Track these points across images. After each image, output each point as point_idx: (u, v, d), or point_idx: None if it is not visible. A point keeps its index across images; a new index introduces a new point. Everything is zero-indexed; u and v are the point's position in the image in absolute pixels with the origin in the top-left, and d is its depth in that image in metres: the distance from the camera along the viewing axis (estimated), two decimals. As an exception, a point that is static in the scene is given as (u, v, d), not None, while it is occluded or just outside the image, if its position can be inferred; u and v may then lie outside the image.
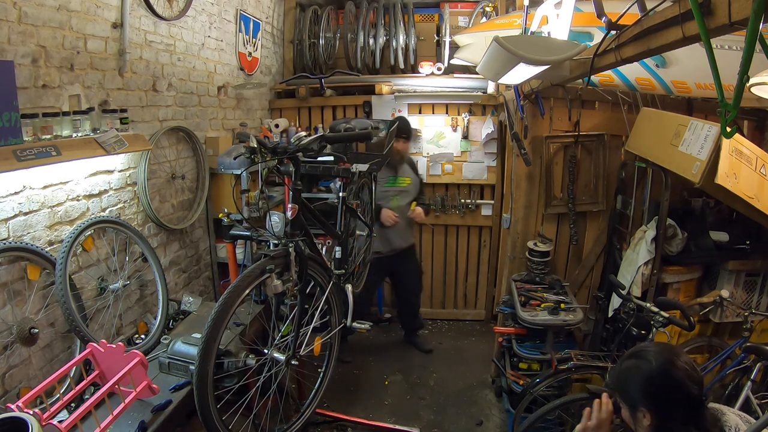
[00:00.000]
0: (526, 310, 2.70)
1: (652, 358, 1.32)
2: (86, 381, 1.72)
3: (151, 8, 2.52)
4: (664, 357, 1.32)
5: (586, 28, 2.46)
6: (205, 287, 3.33)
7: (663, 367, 1.29)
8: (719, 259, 2.65)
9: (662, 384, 1.29)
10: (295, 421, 2.18)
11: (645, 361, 1.33)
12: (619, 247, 3.02)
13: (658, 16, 1.24)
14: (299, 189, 1.98)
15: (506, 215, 3.43)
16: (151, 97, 2.63)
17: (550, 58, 1.76)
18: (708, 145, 2.09)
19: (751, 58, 0.88)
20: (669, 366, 1.29)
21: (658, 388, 1.29)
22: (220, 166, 3.16)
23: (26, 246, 1.85)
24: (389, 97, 4.07)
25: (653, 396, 1.29)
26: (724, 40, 2.02)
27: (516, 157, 3.15)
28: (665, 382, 1.28)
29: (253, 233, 2.56)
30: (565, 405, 2.28)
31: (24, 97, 1.81)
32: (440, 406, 2.93)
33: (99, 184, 2.29)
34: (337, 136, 2.15)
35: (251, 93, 3.88)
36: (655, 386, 1.29)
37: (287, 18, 4.47)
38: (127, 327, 2.48)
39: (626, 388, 1.37)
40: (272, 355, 1.94)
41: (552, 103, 3.03)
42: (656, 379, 1.29)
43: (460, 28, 4.14)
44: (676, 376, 1.27)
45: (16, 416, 1.36)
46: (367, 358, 3.64)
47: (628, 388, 1.35)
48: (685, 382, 1.26)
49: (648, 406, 1.30)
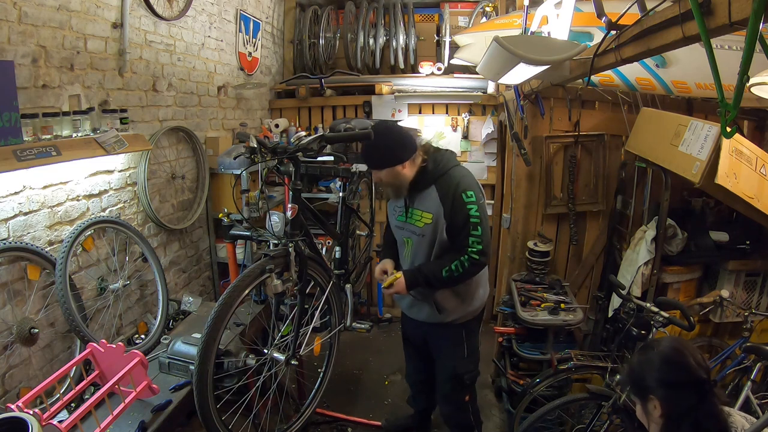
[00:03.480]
0: (526, 310, 2.70)
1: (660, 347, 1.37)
2: (86, 381, 1.72)
3: (151, 8, 2.52)
4: (672, 345, 1.37)
5: (586, 28, 2.46)
6: (205, 287, 3.33)
7: (670, 354, 1.34)
8: (719, 259, 2.65)
9: (669, 369, 1.32)
10: (295, 421, 2.18)
11: (653, 350, 1.38)
12: (619, 247, 3.02)
13: (658, 16, 1.24)
14: (299, 189, 1.98)
15: (506, 215, 3.43)
16: (151, 97, 2.63)
17: (550, 58, 1.76)
18: (708, 145, 2.09)
19: (751, 58, 0.88)
20: (676, 352, 1.33)
21: (665, 373, 1.32)
22: (220, 166, 3.16)
23: (26, 246, 1.85)
24: (389, 97, 4.07)
25: (662, 382, 1.32)
26: (724, 40, 2.02)
27: (516, 157, 3.15)
28: (672, 367, 1.32)
29: (253, 233, 2.56)
30: (565, 405, 2.28)
31: (24, 97, 1.81)
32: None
33: (99, 184, 2.29)
34: (337, 136, 2.15)
35: (251, 93, 3.88)
36: (663, 371, 1.32)
37: (287, 18, 4.47)
38: (127, 327, 2.48)
39: (636, 381, 1.39)
40: (272, 355, 1.94)
41: (552, 103, 3.03)
42: (664, 365, 1.33)
43: (460, 28, 4.14)
44: (684, 361, 1.30)
45: (16, 416, 1.36)
46: (367, 358, 3.64)
47: (638, 380, 1.38)
48: (692, 367, 1.29)
49: (657, 394, 1.32)
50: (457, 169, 2.04)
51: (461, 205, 1.95)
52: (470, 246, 1.96)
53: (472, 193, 1.96)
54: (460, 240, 1.98)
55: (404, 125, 1.93)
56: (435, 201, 2.02)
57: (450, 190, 1.98)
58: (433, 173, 2.03)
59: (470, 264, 1.97)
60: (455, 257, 1.99)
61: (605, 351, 2.43)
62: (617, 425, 2.09)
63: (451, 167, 2.04)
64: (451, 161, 2.07)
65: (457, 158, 2.14)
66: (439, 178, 2.02)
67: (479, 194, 2.00)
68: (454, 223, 1.99)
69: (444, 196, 2.00)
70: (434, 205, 2.02)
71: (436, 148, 2.12)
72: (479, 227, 1.95)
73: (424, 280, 2.04)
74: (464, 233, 1.96)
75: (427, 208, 2.05)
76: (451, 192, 1.98)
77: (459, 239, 1.99)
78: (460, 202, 1.96)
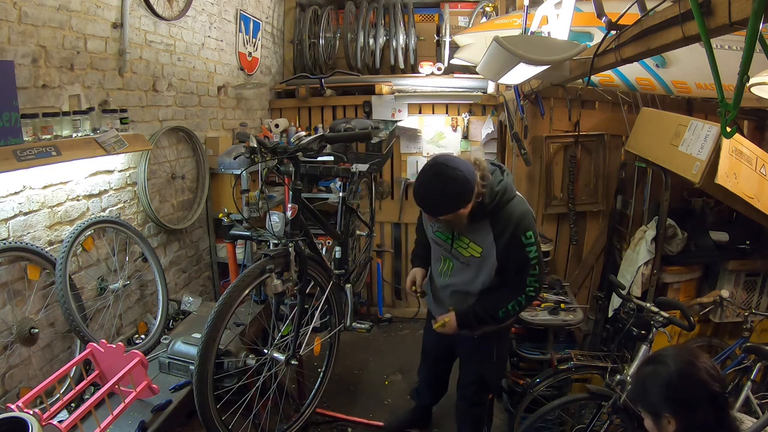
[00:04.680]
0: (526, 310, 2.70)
1: (670, 362, 1.27)
2: (86, 381, 1.72)
3: (151, 8, 2.52)
4: (682, 359, 1.27)
5: (586, 28, 2.45)
6: (205, 287, 3.33)
7: (683, 369, 1.24)
8: (719, 259, 2.65)
9: (684, 386, 1.24)
10: (295, 421, 2.18)
11: (663, 365, 1.28)
12: (619, 247, 3.02)
13: (658, 16, 1.24)
14: (299, 189, 1.98)
15: (506, 215, 3.42)
16: (151, 97, 2.63)
17: (550, 58, 1.76)
18: (708, 145, 2.09)
19: (751, 58, 0.88)
20: (689, 367, 1.24)
21: (680, 392, 1.24)
22: (220, 166, 3.16)
23: (26, 246, 1.85)
24: (389, 97, 4.07)
25: (676, 400, 1.24)
26: (724, 40, 2.02)
27: (516, 157, 3.15)
28: (687, 384, 1.24)
29: (253, 233, 2.56)
30: (565, 405, 2.28)
31: (24, 97, 1.81)
32: (440, 406, 2.92)
33: (99, 184, 2.29)
34: (337, 136, 2.15)
35: (251, 93, 3.88)
36: (677, 389, 1.24)
37: (287, 18, 4.47)
38: (127, 327, 2.48)
39: (647, 396, 1.31)
40: (272, 355, 1.94)
41: (552, 103, 3.04)
42: (677, 382, 1.24)
43: (460, 28, 4.14)
44: (698, 377, 1.22)
45: (16, 416, 1.36)
46: (367, 358, 3.64)
47: (649, 395, 1.30)
48: (707, 382, 1.22)
49: (672, 411, 1.24)
50: (514, 205, 1.87)
51: (520, 246, 1.84)
52: (528, 285, 1.89)
53: (532, 234, 1.84)
54: (517, 280, 1.90)
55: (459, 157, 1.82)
56: (488, 237, 1.88)
57: (508, 229, 1.84)
58: (488, 206, 1.83)
59: (527, 301, 1.92)
60: (512, 297, 1.91)
61: (605, 351, 2.43)
62: (617, 425, 2.09)
63: (508, 199, 1.86)
64: (509, 191, 1.87)
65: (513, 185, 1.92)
66: (495, 212, 1.85)
67: (536, 230, 1.88)
68: (510, 263, 1.90)
69: (499, 234, 1.85)
70: (487, 240, 1.89)
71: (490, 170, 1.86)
72: (537, 266, 1.87)
73: (477, 321, 1.96)
74: (522, 275, 1.88)
75: (477, 241, 1.92)
76: (509, 231, 1.83)
77: (517, 279, 1.90)
78: (519, 243, 1.84)
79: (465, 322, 1.97)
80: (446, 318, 1.99)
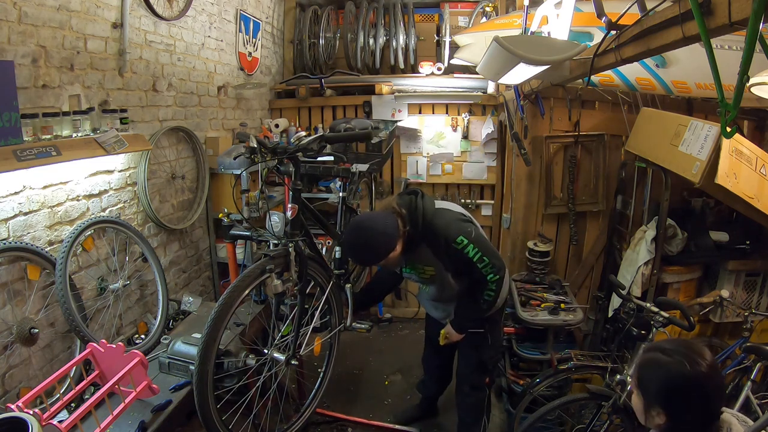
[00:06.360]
0: (526, 310, 2.70)
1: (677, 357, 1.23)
2: (86, 381, 1.72)
3: (151, 8, 2.52)
4: (689, 359, 1.21)
5: (586, 28, 2.46)
6: (205, 287, 3.33)
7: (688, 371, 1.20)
8: (719, 259, 2.65)
9: (684, 388, 1.21)
10: (295, 421, 2.18)
11: (669, 358, 1.24)
12: (619, 247, 3.02)
13: (658, 16, 1.25)
14: (299, 189, 1.98)
15: (506, 215, 3.43)
16: (151, 97, 2.63)
17: (550, 58, 1.76)
18: (708, 145, 2.09)
19: (751, 58, 0.88)
20: (694, 370, 1.19)
21: (678, 392, 1.22)
22: (220, 166, 3.16)
23: (26, 246, 1.85)
24: (389, 97, 4.07)
25: (672, 399, 1.23)
26: (724, 40, 2.02)
27: (516, 157, 3.15)
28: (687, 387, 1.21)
29: (253, 233, 2.56)
30: (565, 405, 2.28)
31: (24, 97, 1.81)
32: (440, 406, 2.93)
33: (99, 184, 2.29)
34: (337, 136, 2.15)
35: (251, 93, 3.88)
36: (676, 389, 1.22)
37: (287, 18, 4.47)
38: (127, 327, 2.48)
39: (645, 381, 1.29)
40: (272, 355, 1.94)
41: (552, 103, 3.03)
42: (679, 382, 1.21)
43: (460, 28, 4.14)
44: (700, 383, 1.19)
45: (16, 416, 1.36)
46: (367, 358, 3.64)
47: (647, 382, 1.28)
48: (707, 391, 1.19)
49: (664, 406, 1.23)
50: (436, 221, 2.01)
51: (457, 253, 1.98)
52: (486, 275, 2.02)
53: (461, 238, 1.97)
54: (474, 276, 2.05)
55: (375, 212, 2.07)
56: (430, 256, 2.07)
57: (440, 246, 2.00)
58: (417, 234, 1.99)
59: (495, 285, 2.05)
60: (482, 289, 2.07)
61: (605, 351, 2.44)
62: (617, 425, 2.09)
63: (429, 220, 2.00)
64: (426, 212, 2.01)
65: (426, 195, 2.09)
66: (425, 234, 2.00)
67: (466, 229, 2.01)
68: (459, 268, 2.07)
69: (437, 252, 2.04)
70: (432, 260, 2.08)
71: (406, 203, 2.03)
72: (484, 257, 1.99)
73: (468, 319, 2.21)
74: (475, 270, 2.02)
75: (426, 263, 2.12)
76: (442, 247, 2.00)
77: (473, 275, 2.05)
78: (454, 252, 1.99)
79: (461, 325, 2.22)
80: (443, 332, 2.27)
